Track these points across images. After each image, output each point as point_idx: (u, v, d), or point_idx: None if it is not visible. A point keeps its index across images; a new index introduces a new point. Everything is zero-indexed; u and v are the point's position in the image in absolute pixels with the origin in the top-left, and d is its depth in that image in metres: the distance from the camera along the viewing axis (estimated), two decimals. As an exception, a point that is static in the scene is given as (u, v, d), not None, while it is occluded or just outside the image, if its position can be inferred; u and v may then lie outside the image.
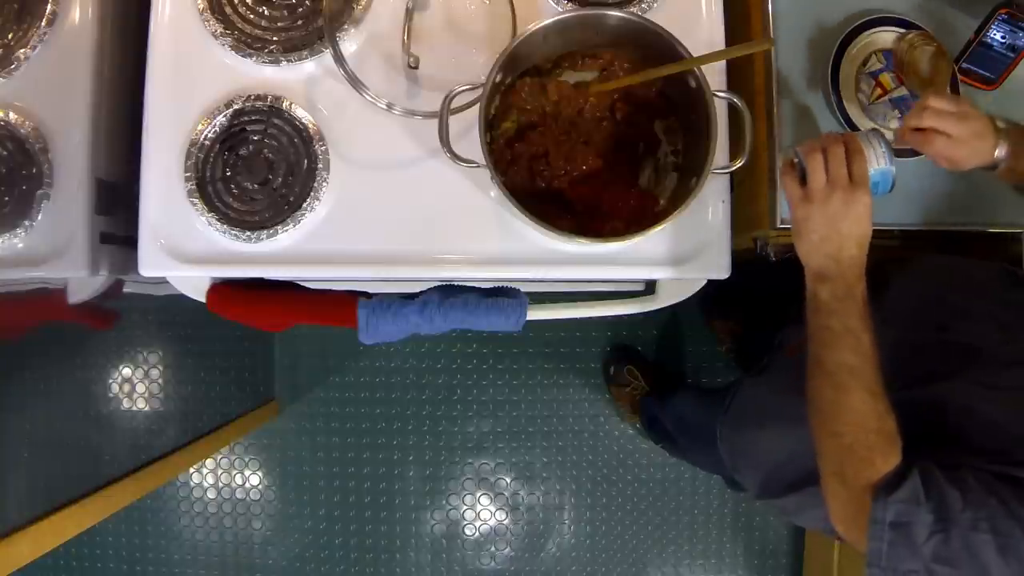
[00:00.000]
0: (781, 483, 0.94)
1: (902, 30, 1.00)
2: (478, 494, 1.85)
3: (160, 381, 1.43)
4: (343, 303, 0.93)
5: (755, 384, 1.08)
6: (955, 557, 0.63)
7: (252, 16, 0.93)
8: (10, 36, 0.89)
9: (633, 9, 0.91)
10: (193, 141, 0.90)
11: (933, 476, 0.67)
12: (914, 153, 0.99)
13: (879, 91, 1.01)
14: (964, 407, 0.77)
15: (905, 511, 0.65)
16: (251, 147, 0.91)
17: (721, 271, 0.92)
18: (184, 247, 0.90)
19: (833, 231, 0.74)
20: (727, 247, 0.92)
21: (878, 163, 0.77)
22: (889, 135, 1.00)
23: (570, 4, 0.93)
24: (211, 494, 1.84)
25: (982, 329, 0.84)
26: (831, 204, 0.74)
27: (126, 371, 1.38)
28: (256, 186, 0.91)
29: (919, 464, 0.68)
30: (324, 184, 0.90)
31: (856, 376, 0.71)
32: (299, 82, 0.92)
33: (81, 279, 0.92)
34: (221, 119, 0.90)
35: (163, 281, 0.93)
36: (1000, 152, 0.80)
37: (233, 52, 0.91)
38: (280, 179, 0.91)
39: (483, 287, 0.95)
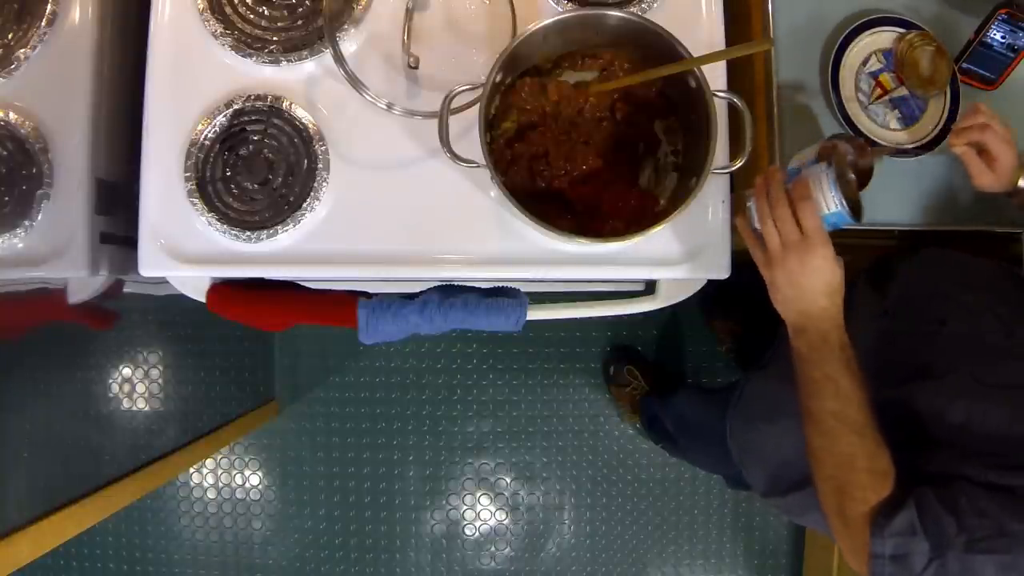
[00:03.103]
0: (787, 481, 0.94)
1: (902, 30, 1.00)
2: (478, 494, 1.85)
3: (160, 381, 1.43)
4: (343, 303, 0.93)
5: (763, 378, 1.08)
6: None
7: (252, 16, 0.93)
8: (10, 36, 0.88)
9: (633, 9, 0.91)
10: (193, 141, 0.90)
11: (927, 504, 0.68)
12: (915, 152, 0.99)
13: (879, 91, 1.01)
14: (962, 405, 0.77)
15: (903, 543, 0.67)
16: (251, 147, 0.91)
17: (721, 271, 0.92)
18: (184, 247, 0.90)
19: (797, 288, 0.75)
20: (727, 247, 0.92)
21: (828, 207, 0.76)
22: (888, 135, 1.00)
23: (570, 4, 0.93)
24: (211, 494, 1.84)
25: (983, 324, 0.85)
26: (788, 263, 0.75)
27: (126, 371, 1.37)
28: (256, 186, 0.91)
29: (914, 492, 0.69)
30: (324, 184, 0.90)
31: (840, 420, 0.73)
32: (299, 82, 0.92)
33: (81, 279, 0.92)
34: (221, 119, 0.90)
35: (163, 281, 0.93)
36: (1022, 182, 0.84)
37: (233, 52, 0.91)
38: (280, 179, 0.91)
39: (483, 287, 0.95)
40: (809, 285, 0.74)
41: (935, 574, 0.66)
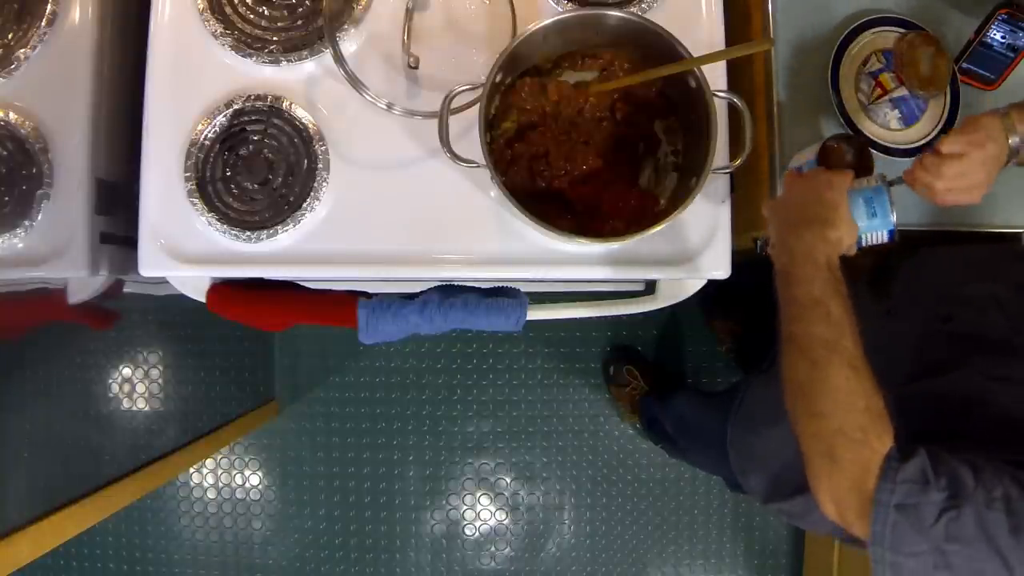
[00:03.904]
0: (790, 484, 0.94)
1: (902, 30, 1.00)
2: (478, 494, 1.85)
3: (160, 381, 1.43)
4: (343, 303, 0.93)
5: (763, 383, 1.08)
6: (967, 535, 0.61)
7: (252, 16, 0.93)
8: (10, 36, 0.89)
9: (633, 9, 0.91)
10: (193, 141, 0.90)
11: (940, 455, 0.64)
12: (916, 152, 0.99)
13: (879, 91, 1.01)
14: (973, 399, 0.76)
15: (913, 491, 0.63)
16: (251, 147, 0.91)
17: (721, 271, 0.92)
18: (184, 247, 0.90)
19: (802, 198, 0.77)
20: (727, 247, 0.92)
21: (869, 183, 0.79)
22: (888, 135, 1.00)
23: (570, 4, 0.93)
24: (211, 494, 1.84)
25: (988, 320, 0.84)
26: (809, 179, 0.78)
27: (126, 371, 1.38)
28: (256, 186, 0.91)
29: (922, 444, 0.65)
30: (324, 184, 0.90)
31: (832, 350, 0.67)
32: (299, 82, 0.92)
33: (81, 279, 0.92)
34: (221, 119, 0.90)
35: (163, 281, 0.93)
36: (1013, 142, 0.76)
37: (233, 52, 0.91)
38: (280, 179, 0.91)
39: (483, 287, 0.95)
40: (814, 196, 0.76)
41: (948, 526, 0.61)
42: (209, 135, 0.90)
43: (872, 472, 0.64)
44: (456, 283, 0.95)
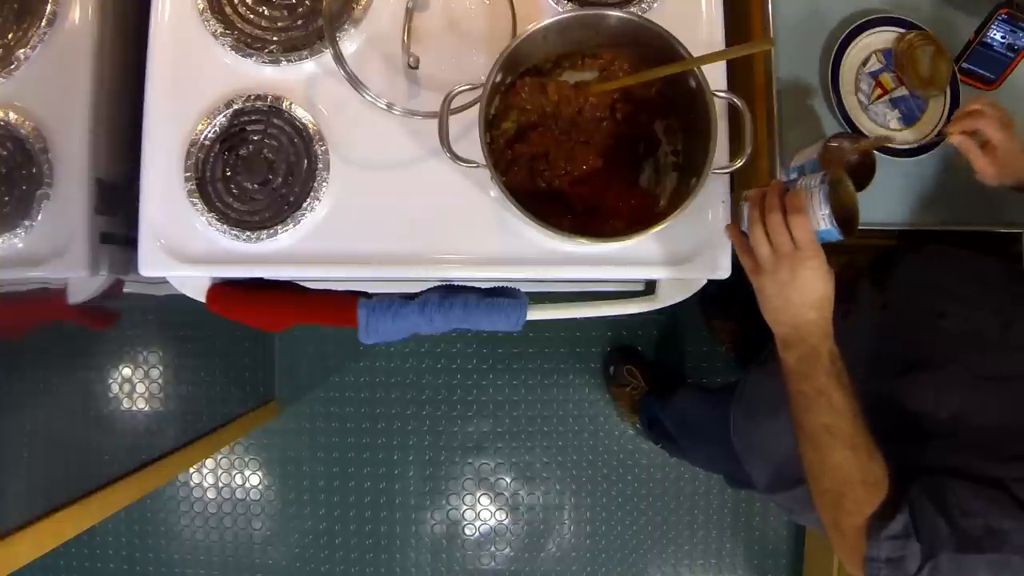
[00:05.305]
0: (791, 475, 0.94)
1: (902, 30, 1.00)
2: (478, 494, 1.85)
3: (160, 381, 1.44)
4: (343, 303, 0.93)
5: (763, 373, 1.08)
6: None
7: (252, 16, 0.93)
8: (10, 36, 0.88)
9: (633, 9, 0.91)
10: (193, 141, 0.90)
11: (921, 506, 0.69)
12: (916, 152, 0.99)
13: (879, 91, 1.01)
14: (957, 397, 0.78)
15: (898, 546, 0.68)
16: (251, 147, 0.91)
17: (721, 271, 0.92)
18: (184, 247, 0.90)
19: (785, 300, 0.74)
20: (727, 247, 0.92)
21: (818, 224, 0.74)
22: (884, 132, 1.00)
23: (570, 4, 0.93)
24: (211, 494, 1.84)
25: (981, 316, 0.85)
26: (779, 274, 0.74)
27: (126, 371, 1.38)
28: (256, 186, 0.91)
29: (908, 495, 0.70)
30: (324, 184, 0.90)
31: (834, 434, 0.72)
32: (299, 82, 0.92)
33: (81, 279, 0.92)
34: (221, 119, 0.90)
35: (163, 281, 0.93)
36: None
37: (233, 52, 0.91)
38: (280, 179, 0.91)
39: (483, 287, 0.95)
40: (799, 298, 0.73)
41: (929, 575, 0.66)
42: (209, 135, 0.90)
43: (864, 532, 0.70)
44: (456, 283, 0.95)
